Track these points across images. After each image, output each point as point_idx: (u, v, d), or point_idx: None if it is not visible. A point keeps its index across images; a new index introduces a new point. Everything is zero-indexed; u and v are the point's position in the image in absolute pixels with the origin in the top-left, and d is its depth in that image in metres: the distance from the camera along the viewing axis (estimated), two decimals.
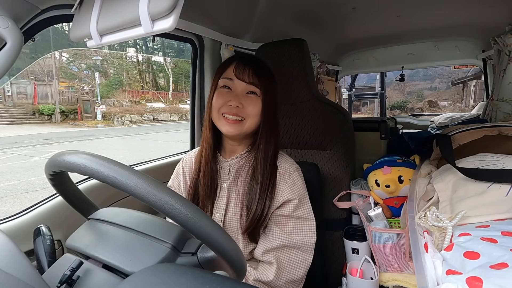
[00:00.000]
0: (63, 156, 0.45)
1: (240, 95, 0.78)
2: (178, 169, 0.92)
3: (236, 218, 0.80)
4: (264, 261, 0.78)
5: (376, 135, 1.50)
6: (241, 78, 0.77)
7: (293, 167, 0.82)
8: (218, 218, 0.82)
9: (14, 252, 0.40)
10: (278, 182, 0.79)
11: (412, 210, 0.82)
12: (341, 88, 3.68)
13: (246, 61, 0.79)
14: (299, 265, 0.77)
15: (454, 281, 0.47)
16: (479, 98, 11.44)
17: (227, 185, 0.83)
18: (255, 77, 0.78)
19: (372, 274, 0.98)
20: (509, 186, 0.68)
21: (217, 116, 0.79)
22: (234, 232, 0.81)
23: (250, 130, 0.79)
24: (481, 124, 0.99)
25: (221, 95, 0.78)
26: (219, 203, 0.83)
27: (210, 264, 0.47)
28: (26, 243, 0.78)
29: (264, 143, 0.79)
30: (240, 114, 0.76)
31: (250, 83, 0.77)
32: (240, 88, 0.78)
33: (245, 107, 0.77)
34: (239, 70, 0.77)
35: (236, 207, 0.81)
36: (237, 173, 0.83)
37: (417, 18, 1.80)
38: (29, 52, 1.40)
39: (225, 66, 0.81)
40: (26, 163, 6.51)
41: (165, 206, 0.39)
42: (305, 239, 0.78)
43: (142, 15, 0.56)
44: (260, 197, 0.76)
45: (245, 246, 0.81)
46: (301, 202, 0.79)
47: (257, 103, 0.78)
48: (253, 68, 0.78)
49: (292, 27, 1.74)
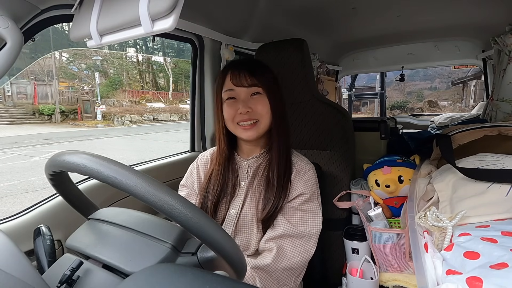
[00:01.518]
0: (63, 156, 0.45)
1: (246, 100, 0.80)
2: (192, 168, 0.94)
3: (251, 211, 0.82)
4: (265, 249, 0.79)
5: (376, 135, 1.50)
6: (240, 84, 0.79)
7: (309, 165, 0.85)
8: (233, 214, 0.84)
9: (14, 252, 0.40)
10: (293, 178, 0.82)
11: (412, 210, 0.82)
12: (341, 88, 3.68)
13: (240, 66, 0.80)
14: (300, 253, 0.78)
15: (454, 281, 0.47)
16: (479, 98, 11.45)
17: (245, 184, 0.85)
18: (253, 77, 0.79)
19: (372, 274, 0.98)
20: (509, 186, 0.68)
21: (233, 127, 0.82)
22: (248, 226, 0.83)
23: (266, 129, 0.82)
24: (481, 124, 0.99)
25: (229, 106, 0.81)
26: (236, 201, 0.85)
27: (210, 264, 0.47)
28: (26, 243, 0.78)
29: (277, 142, 0.82)
30: (253, 117, 0.79)
31: (250, 85, 0.79)
32: (243, 94, 0.80)
33: (254, 109, 0.79)
34: (235, 78, 0.79)
35: (251, 202, 0.83)
36: (255, 172, 0.85)
37: (417, 18, 1.80)
38: (29, 52, 1.40)
39: (223, 78, 0.82)
40: (26, 163, 6.51)
41: (165, 206, 0.39)
42: (309, 229, 0.80)
43: (142, 15, 0.56)
44: (276, 194, 0.79)
45: (256, 239, 0.83)
46: (311, 197, 0.82)
47: (264, 101, 0.80)
48: (249, 70, 0.79)
49: (292, 27, 1.74)
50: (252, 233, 0.83)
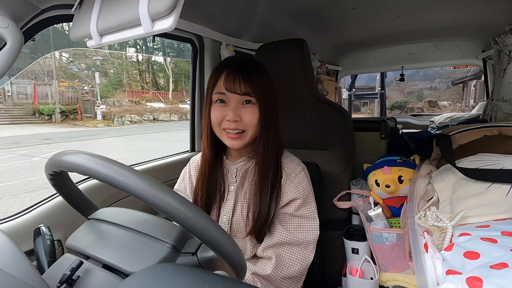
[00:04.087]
0: (63, 156, 0.45)
1: (236, 107, 0.74)
2: (185, 172, 0.93)
3: (243, 219, 0.80)
4: (264, 257, 0.78)
5: (376, 135, 1.50)
6: (233, 90, 0.73)
7: (299, 167, 0.82)
8: (225, 220, 0.82)
9: (14, 252, 0.40)
10: (284, 182, 0.79)
11: (412, 210, 0.82)
12: (341, 88, 3.68)
13: (236, 69, 0.74)
14: (299, 261, 0.77)
15: (454, 281, 0.47)
16: (479, 98, 11.44)
17: (235, 188, 0.83)
18: (248, 85, 0.73)
19: (372, 274, 0.98)
20: (509, 186, 0.68)
21: (219, 131, 0.78)
22: (242, 234, 0.81)
23: (252, 139, 0.78)
24: (481, 124, 0.99)
25: (217, 110, 0.76)
26: (227, 206, 0.83)
27: (210, 264, 0.47)
28: (26, 243, 0.78)
29: (263, 148, 0.77)
30: (240, 127, 0.74)
31: (243, 93, 0.73)
32: (234, 101, 0.74)
33: (243, 118, 0.74)
34: (229, 82, 0.73)
35: (243, 209, 0.81)
36: (243, 176, 0.83)
37: (417, 18, 1.80)
38: (29, 52, 1.40)
39: (216, 78, 0.77)
40: (26, 163, 6.51)
41: (165, 206, 0.39)
42: (307, 236, 0.78)
43: (142, 15, 0.56)
44: (264, 199, 0.76)
45: (253, 246, 0.82)
46: (305, 201, 0.79)
47: (254, 111, 0.75)
48: (245, 75, 0.73)
49: (292, 27, 1.74)
50: (246, 238, 0.81)
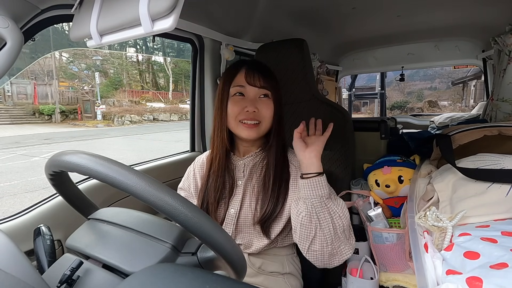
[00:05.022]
0: (63, 156, 0.45)
1: (254, 99, 0.81)
2: (189, 171, 0.95)
3: (251, 211, 0.82)
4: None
5: (376, 135, 1.50)
6: (253, 84, 0.81)
7: None
8: (232, 214, 0.84)
9: (14, 252, 0.40)
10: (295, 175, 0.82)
11: (412, 210, 0.82)
12: (341, 88, 3.68)
13: (254, 67, 0.83)
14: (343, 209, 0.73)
15: (454, 281, 0.47)
16: (479, 98, 11.45)
17: (243, 183, 0.85)
18: (265, 80, 0.82)
19: (372, 274, 0.98)
20: (509, 186, 0.68)
21: (235, 124, 0.82)
22: (249, 226, 0.83)
23: (266, 131, 0.84)
24: (481, 124, 0.99)
25: (236, 102, 0.82)
26: (235, 200, 0.85)
27: (210, 264, 0.47)
28: (26, 243, 0.78)
29: (276, 142, 0.84)
30: (257, 118, 0.81)
31: (261, 87, 0.82)
32: (253, 93, 0.82)
33: (260, 110, 0.81)
34: (249, 76, 0.81)
35: (251, 202, 0.83)
36: (251, 171, 0.86)
37: (417, 18, 1.80)
38: (29, 52, 1.40)
39: (233, 74, 0.83)
40: (26, 163, 6.51)
41: (165, 206, 0.39)
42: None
43: (142, 15, 0.56)
44: (273, 191, 0.79)
45: (259, 240, 0.83)
46: None
47: (270, 105, 0.83)
48: (262, 73, 0.82)
49: (292, 27, 1.74)
50: (253, 232, 0.83)
